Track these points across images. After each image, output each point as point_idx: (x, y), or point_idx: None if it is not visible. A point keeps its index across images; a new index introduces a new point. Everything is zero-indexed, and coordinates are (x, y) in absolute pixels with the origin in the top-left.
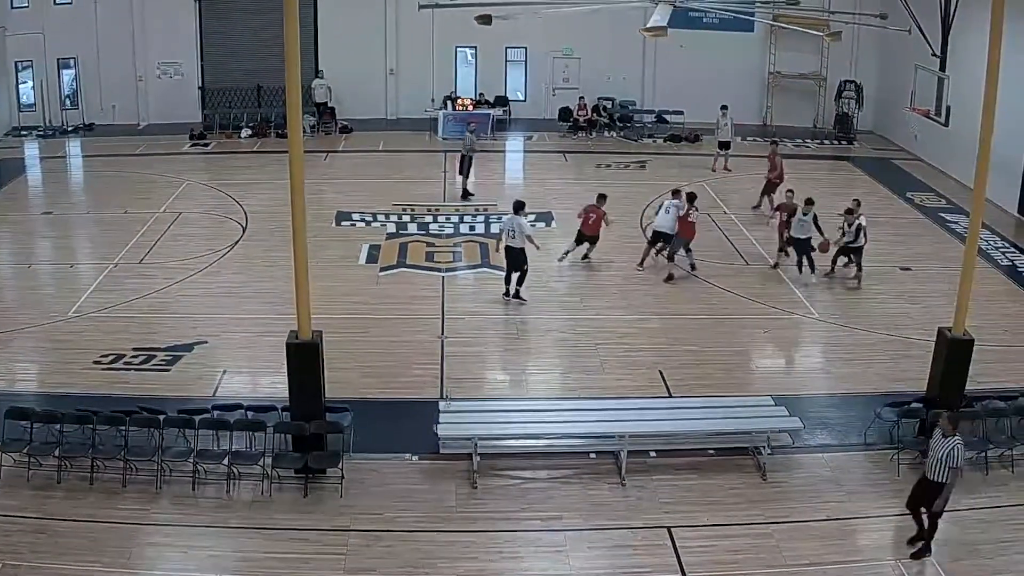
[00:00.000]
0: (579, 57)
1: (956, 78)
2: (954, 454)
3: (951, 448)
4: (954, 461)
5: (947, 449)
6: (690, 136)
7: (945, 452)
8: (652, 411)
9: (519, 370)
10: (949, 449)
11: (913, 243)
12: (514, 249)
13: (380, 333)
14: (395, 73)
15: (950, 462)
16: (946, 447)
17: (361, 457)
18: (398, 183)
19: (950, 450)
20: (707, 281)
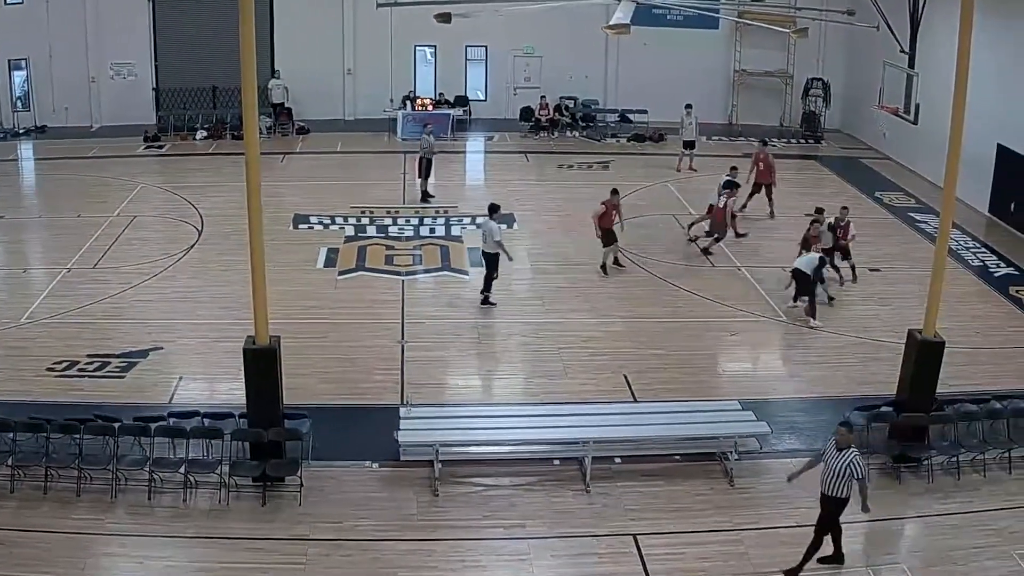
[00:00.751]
0: (541, 55)
1: (925, 75)
2: (855, 466)
3: (850, 461)
4: (858, 472)
5: (845, 462)
6: (654, 136)
7: (843, 466)
8: (617, 416)
9: (481, 375)
10: (848, 462)
11: (882, 243)
12: (487, 254)
13: (339, 338)
14: (353, 73)
15: (855, 474)
16: (843, 460)
17: (320, 465)
18: (356, 185)
19: (849, 463)
20: (672, 283)
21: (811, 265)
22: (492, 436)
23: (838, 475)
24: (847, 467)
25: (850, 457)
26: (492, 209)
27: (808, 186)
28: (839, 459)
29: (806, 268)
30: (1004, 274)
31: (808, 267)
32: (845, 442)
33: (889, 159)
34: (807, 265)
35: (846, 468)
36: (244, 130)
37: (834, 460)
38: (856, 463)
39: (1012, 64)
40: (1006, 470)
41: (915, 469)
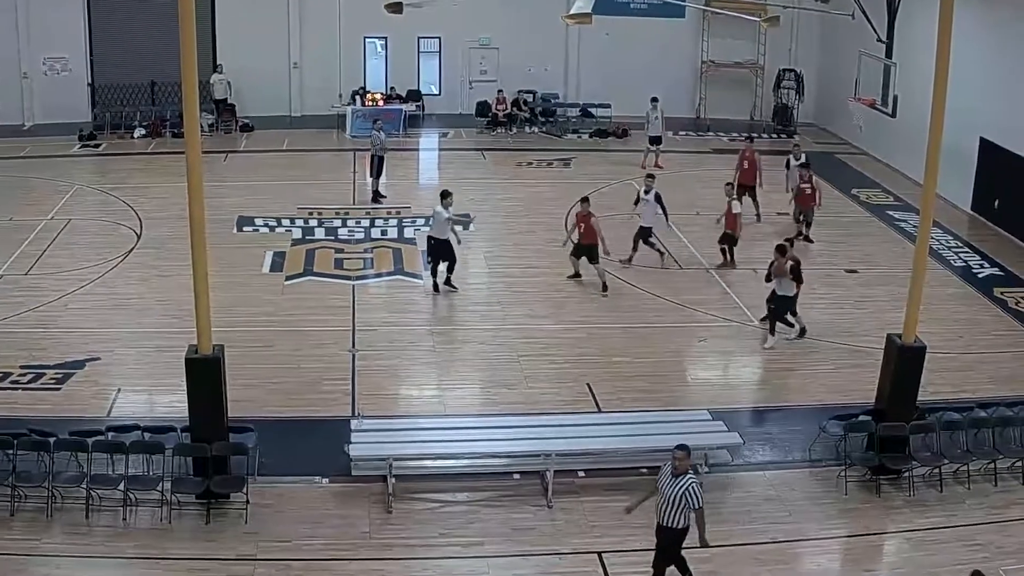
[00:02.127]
0: (497, 47)
1: (904, 66)
2: (691, 494)
3: (686, 488)
4: (694, 502)
5: (681, 490)
6: (618, 131)
7: (679, 493)
8: (580, 427)
9: (436, 385)
10: (684, 490)
11: (859, 243)
12: (436, 240)
13: (286, 347)
14: (299, 67)
15: (691, 503)
16: (679, 487)
17: (267, 481)
18: (304, 185)
19: (685, 490)
20: (638, 287)
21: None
22: (449, 449)
23: (674, 504)
24: (683, 495)
25: (687, 484)
26: (444, 195)
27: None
28: (675, 486)
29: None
30: (988, 275)
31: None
32: (682, 467)
33: (866, 154)
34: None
35: (682, 496)
36: (184, 128)
37: (669, 487)
38: (693, 491)
39: (995, 53)
40: (991, 482)
41: (895, 481)
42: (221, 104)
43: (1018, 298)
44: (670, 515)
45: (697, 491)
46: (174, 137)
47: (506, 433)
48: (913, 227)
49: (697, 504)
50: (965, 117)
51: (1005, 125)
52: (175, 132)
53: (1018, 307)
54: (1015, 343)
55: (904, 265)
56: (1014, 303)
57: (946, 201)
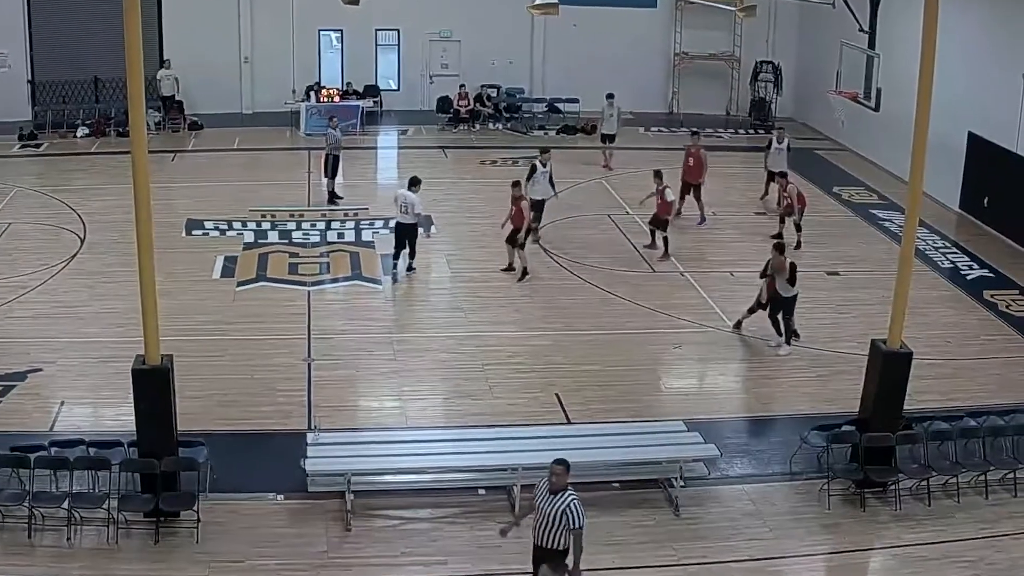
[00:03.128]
0: (459, 40)
1: (887, 57)
2: (571, 513)
3: (565, 506)
4: (574, 522)
5: (559, 508)
6: (586, 127)
7: (557, 512)
8: (548, 440)
9: (397, 396)
10: (563, 508)
11: (841, 244)
12: (404, 225)
13: (238, 356)
14: (250, 61)
15: (570, 523)
16: (558, 505)
17: (219, 497)
18: (256, 186)
19: (564, 509)
20: (608, 291)
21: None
22: (410, 463)
23: (552, 523)
24: (563, 514)
25: (567, 502)
26: (413, 182)
27: (758, 181)
28: (553, 504)
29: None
30: (977, 276)
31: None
32: (560, 484)
33: (848, 150)
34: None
35: (562, 515)
36: (130, 126)
37: (547, 505)
38: (573, 509)
39: (983, 42)
40: (982, 494)
41: (881, 495)
42: (168, 101)
43: (1009, 301)
44: (548, 535)
45: (577, 509)
46: (119, 136)
47: (471, 446)
48: (898, 227)
49: (576, 523)
50: (952, 110)
51: (995, 119)
52: (120, 131)
53: (1009, 310)
54: (1006, 348)
55: (889, 267)
56: (1005, 306)
57: (933, 199)
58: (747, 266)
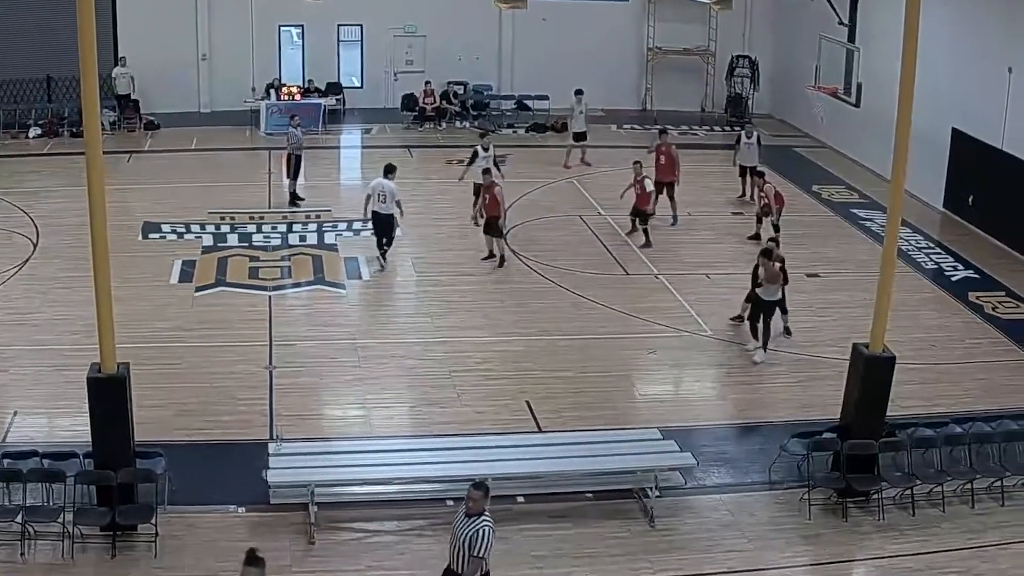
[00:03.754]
0: (424, 35)
1: (868, 50)
2: (478, 538)
3: (476, 530)
4: (478, 548)
5: (470, 532)
6: (556, 124)
7: (468, 535)
8: (518, 449)
9: (362, 404)
10: (472, 532)
11: (821, 245)
12: (382, 215)
13: (197, 364)
14: (208, 59)
15: (472, 549)
16: (470, 529)
17: (178, 510)
18: (215, 187)
19: (473, 534)
20: (580, 294)
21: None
22: (376, 474)
23: (463, 547)
24: (470, 538)
25: (479, 526)
26: (388, 169)
27: (734, 179)
28: (468, 528)
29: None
30: (962, 278)
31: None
32: (477, 508)
33: (827, 147)
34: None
35: (469, 539)
36: (84, 126)
37: (463, 528)
38: (482, 535)
39: (967, 34)
40: (968, 504)
41: (863, 504)
42: (124, 100)
43: (995, 303)
44: (460, 559)
45: (486, 537)
46: (73, 137)
47: (438, 456)
48: (880, 226)
49: (479, 551)
50: (935, 105)
51: (979, 114)
52: (74, 131)
53: (995, 312)
54: (992, 352)
55: (871, 268)
56: (991, 308)
57: (915, 198)
58: (723, 268)
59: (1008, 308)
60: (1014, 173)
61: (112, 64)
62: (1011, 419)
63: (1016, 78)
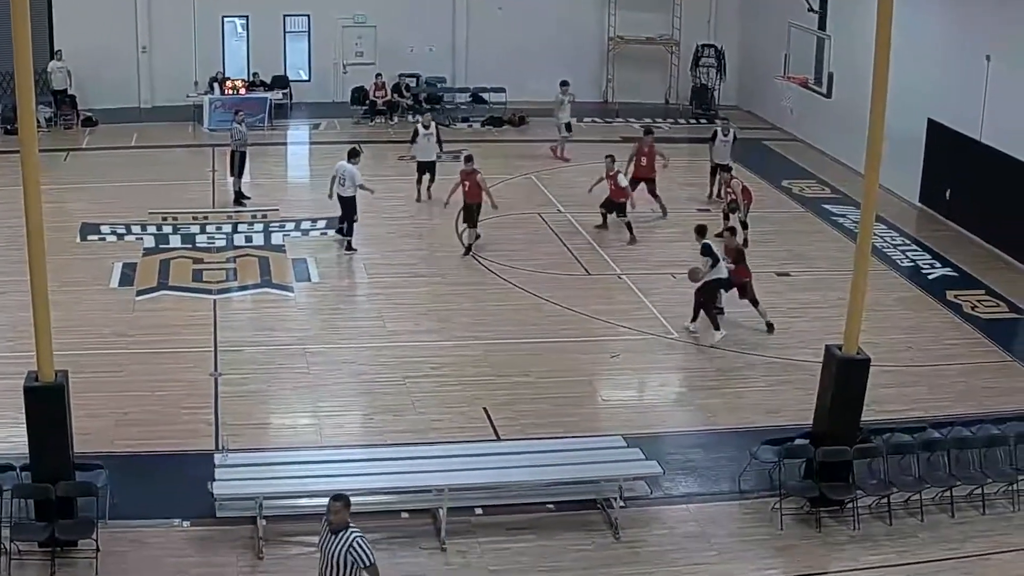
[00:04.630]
0: (375, 25)
1: (840, 38)
2: (356, 551)
3: (348, 545)
4: (363, 560)
5: (343, 548)
6: (514, 118)
7: (342, 552)
8: (476, 458)
9: (311, 412)
10: (346, 548)
11: (791, 242)
12: (343, 198)
13: (139, 371)
14: (148, 51)
15: (360, 561)
16: (341, 545)
17: (120, 525)
18: (156, 186)
19: (348, 548)
20: (539, 295)
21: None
22: (326, 486)
23: (340, 565)
24: (346, 554)
25: (350, 540)
26: (352, 153)
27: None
28: (336, 544)
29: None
30: (939, 276)
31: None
32: (341, 522)
33: (797, 140)
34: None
35: (347, 554)
36: (19, 123)
37: (330, 545)
38: (359, 546)
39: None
40: (947, 512)
41: (838, 514)
42: (60, 95)
43: (974, 302)
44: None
45: (363, 545)
46: (7, 134)
47: (392, 466)
48: (853, 223)
49: (366, 560)
50: (911, 96)
51: (956, 104)
52: (8, 128)
53: (975, 312)
54: (972, 353)
55: (844, 266)
56: (970, 307)
57: (890, 192)
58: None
59: (988, 307)
60: (993, 166)
61: (48, 58)
62: (992, 423)
63: (995, 66)
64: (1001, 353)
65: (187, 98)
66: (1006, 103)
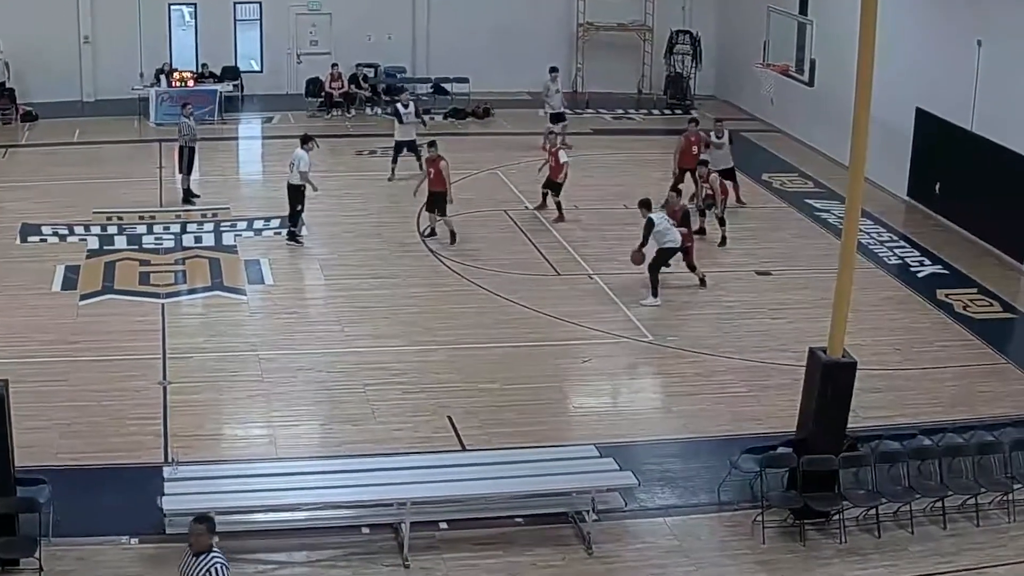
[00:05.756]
0: (330, 12)
1: (822, 23)
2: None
3: (208, 568)
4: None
5: (202, 571)
6: (478, 110)
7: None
8: (440, 470)
9: (266, 422)
10: (205, 571)
11: (772, 239)
12: (290, 185)
13: (83, 380)
14: (91, 42)
15: None
16: (201, 569)
17: (64, 542)
18: (100, 184)
19: (207, 572)
20: (505, 297)
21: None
22: (283, 500)
23: None
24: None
25: (210, 564)
26: (304, 139)
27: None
28: (196, 568)
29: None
30: (929, 274)
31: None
32: (202, 544)
33: (778, 131)
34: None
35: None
36: None
37: (192, 570)
38: (218, 572)
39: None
40: (939, 523)
41: (823, 526)
42: None
43: (966, 301)
44: None
45: (223, 571)
46: None
47: (352, 478)
48: (838, 218)
49: None
50: (898, 83)
51: (946, 93)
52: None
53: (966, 311)
54: (964, 355)
55: (828, 264)
56: (962, 307)
57: (877, 186)
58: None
59: (981, 307)
60: (985, 157)
61: None
62: (985, 430)
63: (986, 51)
64: (995, 355)
65: (132, 91)
66: (999, 90)
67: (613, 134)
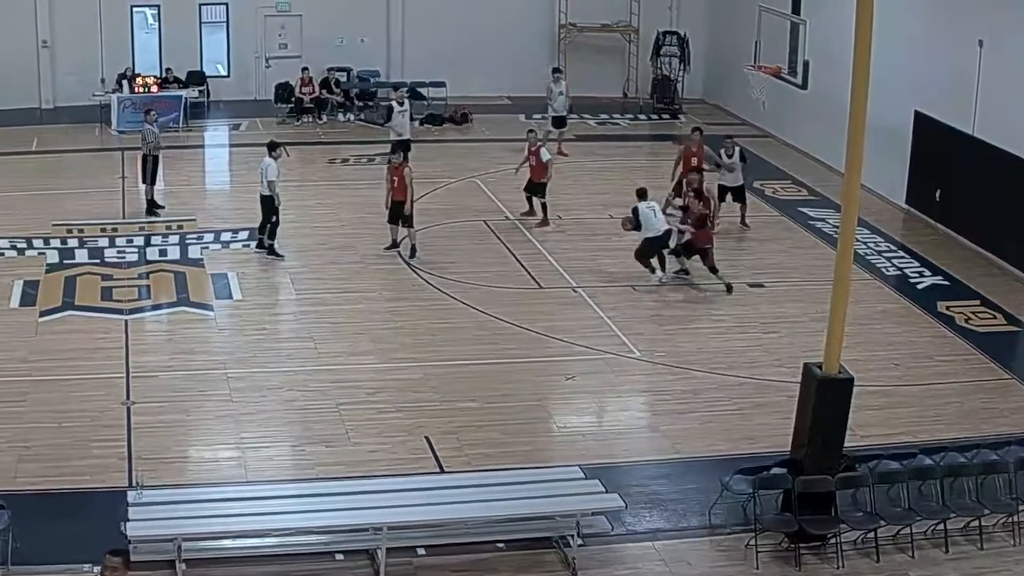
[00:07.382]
0: (300, 14)
1: (816, 24)
2: None
3: None
4: None
5: None
6: (456, 115)
7: None
8: (418, 493)
9: (235, 444)
10: None
11: (765, 250)
12: (262, 196)
13: (43, 400)
14: (50, 46)
15: None
16: None
17: (23, 570)
18: (60, 195)
19: None
20: (486, 312)
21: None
22: (252, 525)
23: None
24: None
25: None
26: (271, 147)
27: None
28: None
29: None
30: (930, 285)
31: None
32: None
33: (770, 136)
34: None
35: None
36: None
37: None
38: None
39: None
40: (941, 547)
41: (819, 550)
42: None
43: (968, 313)
44: None
45: None
46: None
47: (325, 502)
48: (833, 227)
49: None
50: (895, 85)
51: (946, 95)
52: None
53: (968, 324)
54: (966, 370)
55: (823, 276)
56: (963, 320)
57: (874, 193)
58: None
59: (983, 319)
60: (988, 162)
61: None
62: (989, 448)
63: (988, 52)
64: (998, 370)
65: (93, 97)
66: (1002, 92)
67: (598, 140)
